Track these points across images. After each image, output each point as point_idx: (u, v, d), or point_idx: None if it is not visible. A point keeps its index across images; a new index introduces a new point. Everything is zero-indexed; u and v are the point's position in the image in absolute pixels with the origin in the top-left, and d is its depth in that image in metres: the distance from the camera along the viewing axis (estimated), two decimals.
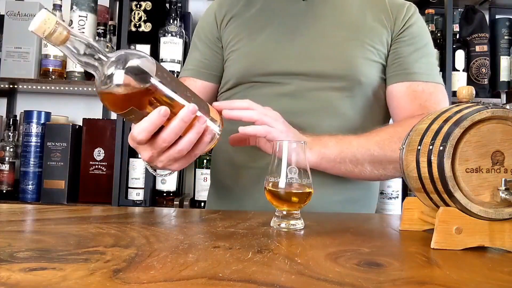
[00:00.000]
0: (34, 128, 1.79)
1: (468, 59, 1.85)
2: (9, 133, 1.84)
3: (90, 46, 0.58)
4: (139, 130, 0.64)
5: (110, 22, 1.92)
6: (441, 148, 0.53)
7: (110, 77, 0.58)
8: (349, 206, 0.96)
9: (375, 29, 0.97)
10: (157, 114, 0.62)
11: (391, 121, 1.04)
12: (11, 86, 1.91)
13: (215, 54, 1.05)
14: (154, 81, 0.60)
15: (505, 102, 1.89)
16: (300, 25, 0.98)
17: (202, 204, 1.79)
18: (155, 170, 0.84)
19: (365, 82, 0.95)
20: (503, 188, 0.52)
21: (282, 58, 0.96)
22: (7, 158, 1.81)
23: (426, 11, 1.86)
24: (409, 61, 0.96)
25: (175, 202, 1.76)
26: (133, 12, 1.85)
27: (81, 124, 1.84)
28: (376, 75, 0.97)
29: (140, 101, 0.61)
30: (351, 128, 0.93)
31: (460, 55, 1.82)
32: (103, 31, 1.83)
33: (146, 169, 1.79)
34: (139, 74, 0.59)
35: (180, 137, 0.66)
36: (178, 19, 1.83)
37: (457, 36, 1.84)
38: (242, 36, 1.00)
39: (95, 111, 2.03)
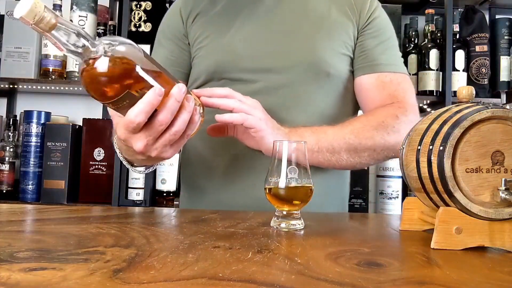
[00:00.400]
0: (34, 128, 1.79)
1: (468, 59, 1.85)
2: (9, 133, 1.84)
3: (77, 33, 0.57)
4: (136, 113, 0.62)
5: (110, 22, 1.92)
6: (441, 148, 0.53)
7: (98, 63, 0.57)
8: (320, 199, 0.96)
9: (341, 22, 0.99)
10: (153, 94, 0.61)
11: (360, 112, 1.06)
12: (11, 86, 1.91)
13: (182, 51, 1.03)
14: (141, 66, 0.59)
15: (505, 102, 1.89)
16: (267, 20, 0.98)
17: None
18: (132, 165, 0.83)
19: (334, 74, 0.97)
20: (503, 188, 0.52)
21: (251, 54, 0.96)
22: (7, 158, 1.81)
23: (426, 11, 1.86)
24: (375, 53, 0.99)
25: (175, 202, 1.76)
26: (133, 12, 1.85)
27: (81, 124, 1.84)
28: (344, 67, 0.99)
29: (129, 87, 0.60)
30: (325, 122, 0.95)
31: (460, 55, 1.82)
32: (103, 31, 1.83)
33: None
34: (126, 59, 0.58)
35: (173, 120, 0.66)
36: None
37: (457, 36, 1.84)
38: (210, 33, 0.99)
39: (95, 111, 2.03)
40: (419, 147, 0.58)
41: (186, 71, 1.04)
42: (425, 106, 1.94)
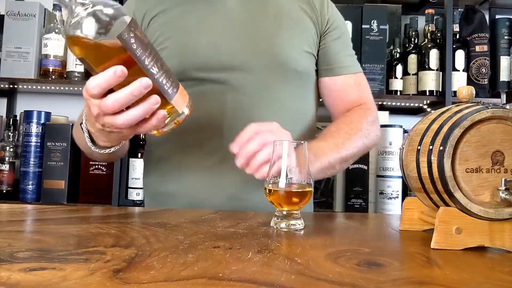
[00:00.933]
0: (34, 128, 1.79)
1: (468, 59, 1.85)
2: (9, 133, 1.84)
3: None
4: (94, 85, 0.60)
5: None
6: (441, 148, 0.53)
7: (81, 20, 0.55)
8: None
9: (302, 20, 1.01)
10: (112, 74, 0.58)
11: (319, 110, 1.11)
12: (11, 86, 1.91)
13: None
14: (123, 35, 0.56)
15: (505, 102, 1.89)
16: (230, 20, 0.98)
17: None
18: (94, 144, 0.79)
19: (301, 71, 0.99)
20: (503, 188, 0.52)
21: (216, 53, 0.95)
22: (7, 158, 1.81)
23: (426, 11, 1.86)
24: (339, 57, 1.04)
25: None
26: None
27: None
28: (310, 65, 1.02)
29: (104, 53, 0.57)
30: (294, 118, 0.98)
31: (460, 55, 1.82)
32: None
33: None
34: (108, 24, 0.55)
35: (129, 107, 0.62)
36: None
37: (457, 36, 1.84)
38: (170, 34, 0.97)
39: None
40: (419, 147, 0.58)
41: None
42: (425, 106, 1.94)
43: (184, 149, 0.95)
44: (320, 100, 1.09)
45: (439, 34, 1.84)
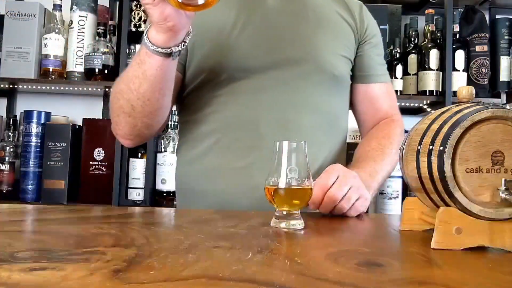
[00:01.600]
0: (34, 128, 1.79)
1: (468, 59, 1.85)
2: (9, 133, 1.84)
3: None
4: None
5: (110, 22, 1.92)
6: (441, 148, 0.53)
7: None
8: None
9: (340, 25, 1.02)
10: None
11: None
12: (11, 86, 1.91)
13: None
14: None
15: (505, 102, 1.89)
16: (269, 20, 0.98)
17: None
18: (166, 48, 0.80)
19: (338, 76, 1.00)
20: (503, 188, 0.52)
21: (256, 53, 0.96)
22: (7, 158, 1.81)
23: (426, 11, 1.86)
24: (375, 64, 1.06)
25: (175, 202, 1.76)
26: (133, 12, 1.85)
27: (81, 124, 1.84)
28: (346, 70, 1.03)
29: None
30: (328, 122, 0.99)
31: (460, 55, 1.82)
32: (103, 31, 1.83)
33: (146, 169, 1.79)
34: None
35: None
36: None
37: (457, 36, 1.84)
38: (210, 31, 0.97)
39: (95, 111, 2.03)
40: (419, 147, 0.58)
41: (184, 62, 1.01)
42: (425, 106, 1.94)
43: (218, 149, 0.95)
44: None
45: (439, 34, 1.84)
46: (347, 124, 1.08)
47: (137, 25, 1.85)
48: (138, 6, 1.85)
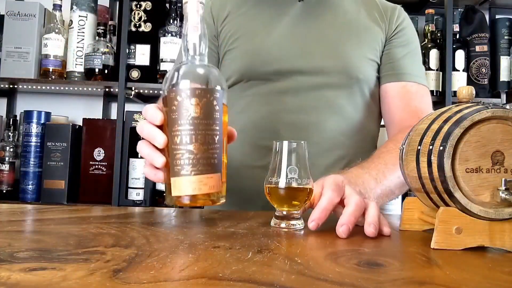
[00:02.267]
0: (34, 128, 1.79)
1: (468, 59, 1.85)
2: (9, 133, 1.84)
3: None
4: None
5: (110, 22, 1.92)
6: (441, 148, 0.53)
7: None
8: None
9: (370, 28, 1.01)
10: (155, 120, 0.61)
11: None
12: (11, 86, 1.91)
13: (211, 53, 1.03)
14: (170, 94, 0.60)
15: (505, 102, 1.89)
16: (297, 25, 0.99)
17: None
18: None
19: (362, 80, 0.98)
20: (503, 188, 0.52)
21: (282, 56, 0.97)
22: (7, 158, 1.81)
23: (426, 11, 1.86)
24: (403, 62, 1.01)
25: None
26: (133, 12, 1.85)
27: (81, 124, 1.84)
28: (372, 73, 1.00)
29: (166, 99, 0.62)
30: (352, 126, 0.97)
31: (460, 55, 1.82)
32: (103, 31, 1.83)
33: None
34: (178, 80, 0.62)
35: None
36: (178, 19, 1.83)
37: (457, 36, 1.84)
38: (240, 34, 1.00)
39: (95, 111, 2.03)
40: (419, 147, 0.58)
41: (217, 57, 1.05)
42: None
43: (240, 148, 0.95)
44: None
45: (439, 34, 1.84)
46: (376, 128, 1.05)
47: (137, 25, 1.85)
48: (138, 6, 1.85)
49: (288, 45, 0.98)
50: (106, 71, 1.81)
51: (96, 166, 1.80)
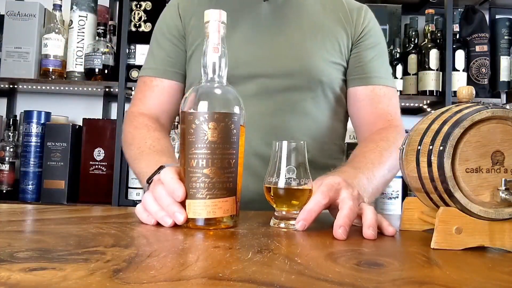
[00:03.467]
0: (34, 128, 1.79)
1: (468, 59, 1.85)
2: (9, 133, 1.84)
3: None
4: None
5: (110, 22, 1.92)
6: (441, 148, 0.53)
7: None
8: None
9: (336, 31, 1.00)
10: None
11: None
12: (11, 86, 1.91)
13: (179, 52, 1.03)
14: (188, 117, 0.62)
15: (505, 102, 1.89)
16: (261, 27, 0.98)
17: None
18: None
19: (326, 82, 0.98)
20: (503, 188, 0.52)
21: (247, 60, 0.96)
22: (7, 158, 1.81)
23: (426, 11, 1.86)
24: (371, 65, 1.01)
25: None
26: (133, 12, 1.85)
27: (81, 124, 1.84)
28: (336, 75, 1.00)
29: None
30: (318, 128, 0.98)
31: (460, 55, 1.82)
32: (103, 31, 1.83)
33: None
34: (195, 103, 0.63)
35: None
36: None
37: (457, 36, 1.84)
38: (202, 37, 0.96)
39: (95, 111, 2.03)
40: (419, 147, 0.58)
41: (183, 72, 1.04)
42: (425, 106, 1.94)
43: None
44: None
45: (439, 34, 1.84)
46: (342, 130, 1.06)
47: (137, 25, 1.85)
48: (138, 6, 1.85)
49: (252, 49, 0.97)
50: (106, 71, 1.81)
51: (96, 166, 1.80)
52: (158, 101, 1.03)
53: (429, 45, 1.82)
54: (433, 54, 1.80)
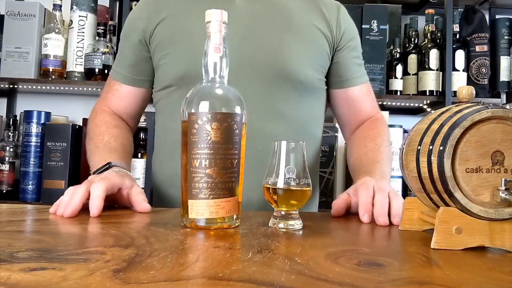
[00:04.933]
0: (34, 128, 1.79)
1: (468, 59, 1.85)
2: (9, 133, 1.84)
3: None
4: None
5: (110, 22, 1.92)
6: (441, 148, 0.53)
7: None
8: None
9: (315, 34, 0.99)
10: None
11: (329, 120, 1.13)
12: (11, 86, 1.91)
13: (146, 59, 1.01)
14: (191, 116, 0.63)
15: (505, 102, 1.89)
16: (236, 26, 0.93)
17: None
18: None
19: (304, 82, 0.97)
20: (503, 188, 0.52)
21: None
22: (7, 158, 1.81)
23: (426, 11, 1.86)
24: (354, 67, 1.04)
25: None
26: None
27: (81, 124, 1.84)
28: (315, 76, 0.99)
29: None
30: (296, 130, 0.97)
31: (460, 55, 1.82)
32: (103, 31, 1.83)
33: (146, 169, 1.79)
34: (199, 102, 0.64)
35: None
36: None
37: (457, 36, 1.84)
38: (175, 39, 0.96)
39: None
40: (419, 147, 0.58)
41: (151, 78, 1.03)
42: (425, 106, 1.94)
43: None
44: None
45: (439, 34, 1.84)
46: (320, 132, 1.06)
47: None
48: None
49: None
50: (106, 71, 1.80)
51: None
52: (117, 104, 1.05)
53: (429, 45, 1.82)
54: (433, 54, 1.80)
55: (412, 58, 1.84)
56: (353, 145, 1.04)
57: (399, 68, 1.83)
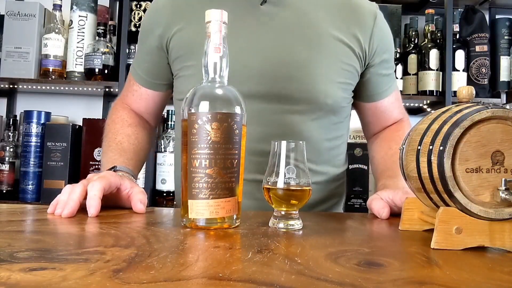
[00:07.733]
0: (34, 128, 1.79)
1: (468, 59, 1.85)
2: (9, 133, 1.84)
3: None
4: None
5: (110, 22, 1.92)
6: (441, 148, 0.53)
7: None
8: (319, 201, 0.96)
9: (343, 45, 0.91)
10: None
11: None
12: (11, 86, 1.91)
13: (163, 63, 0.98)
14: (191, 116, 0.62)
15: (505, 102, 1.89)
16: (260, 37, 0.89)
17: None
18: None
19: (331, 104, 0.92)
20: (503, 188, 0.52)
21: (241, 77, 0.85)
22: (7, 158, 1.81)
23: (426, 11, 1.86)
24: (384, 80, 1.01)
25: (175, 202, 1.76)
26: (133, 12, 1.85)
27: (81, 124, 1.84)
28: (341, 95, 0.94)
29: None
30: (319, 152, 0.94)
31: (460, 55, 1.82)
32: (103, 31, 1.83)
33: (146, 169, 1.79)
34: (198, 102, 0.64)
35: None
36: None
37: (457, 36, 1.84)
38: (196, 51, 0.85)
39: (95, 111, 2.04)
40: (419, 147, 0.58)
41: (168, 82, 1.01)
42: (425, 106, 1.94)
43: None
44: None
45: (439, 34, 1.84)
46: (344, 151, 1.03)
47: (137, 25, 1.85)
48: (138, 6, 1.85)
49: (250, 64, 0.87)
50: (106, 71, 1.81)
51: (96, 166, 1.80)
52: (136, 103, 1.05)
53: (429, 45, 1.82)
54: (433, 54, 1.80)
55: (412, 58, 1.84)
56: (378, 146, 1.04)
57: (399, 68, 1.83)
